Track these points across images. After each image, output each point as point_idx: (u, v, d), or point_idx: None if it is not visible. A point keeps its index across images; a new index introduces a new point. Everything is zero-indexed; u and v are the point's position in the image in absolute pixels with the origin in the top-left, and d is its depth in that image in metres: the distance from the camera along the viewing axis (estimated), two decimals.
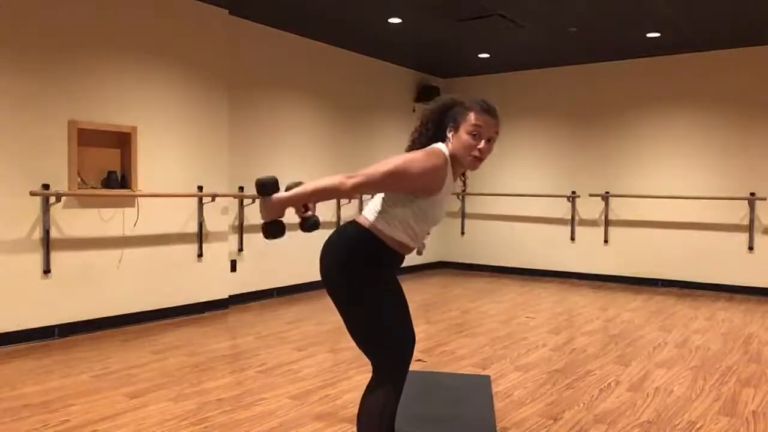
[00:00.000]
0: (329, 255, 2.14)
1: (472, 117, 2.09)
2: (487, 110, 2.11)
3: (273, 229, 2.04)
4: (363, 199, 6.93)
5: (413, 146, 2.19)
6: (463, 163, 2.13)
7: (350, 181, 1.96)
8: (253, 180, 6.57)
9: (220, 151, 5.71)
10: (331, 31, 6.52)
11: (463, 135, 2.09)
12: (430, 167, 2.03)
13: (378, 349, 2.12)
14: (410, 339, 2.16)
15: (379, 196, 2.13)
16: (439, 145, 2.13)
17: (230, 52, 5.84)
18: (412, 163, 2.02)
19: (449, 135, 2.12)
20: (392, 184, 2.02)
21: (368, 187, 2.01)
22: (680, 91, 7.25)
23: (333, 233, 2.18)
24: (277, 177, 2.03)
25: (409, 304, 2.21)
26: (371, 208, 2.14)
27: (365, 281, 2.08)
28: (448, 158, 2.10)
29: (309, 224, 2.09)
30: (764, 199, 6.76)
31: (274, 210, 2.01)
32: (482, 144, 2.10)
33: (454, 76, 8.78)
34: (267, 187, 2.01)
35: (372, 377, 2.14)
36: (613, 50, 7.13)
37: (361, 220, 2.14)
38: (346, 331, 2.16)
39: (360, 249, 2.09)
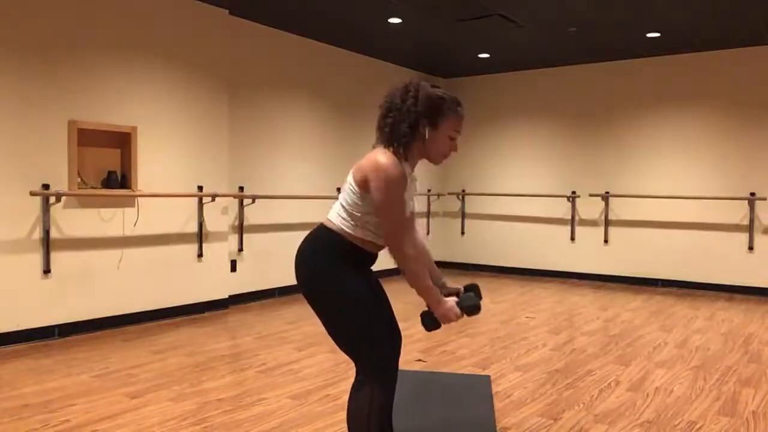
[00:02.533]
0: (304, 261, 2.14)
1: (456, 121, 2.10)
2: (463, 113, 2.14)
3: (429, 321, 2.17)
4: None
5: (390, 139, 2.11)
6: (430, 159, 2.15)
7: (400, 246, 2.02)
8: (253, 180, 6.50)
9: (220, 151, 5.72)
10: (331, 31, 6.52)
11: (443, 136, 2.10)
12: (401, 176, 2.02)
13: (360, 350, 2.11)
14: (392, 339, 2.15)
15: (342, 198, 2.13)
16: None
17: (230, 52, 5.84)
18: (392, 176, 1.99)
19: (424, 131, 2.08)
20: (399, 201, 2.03)
21: (401, 229, 2.03)
22: (680, 91, 7.25)
23: (305, 237, 2.18)
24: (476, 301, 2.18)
25: (409, 304, 2.21)
26: (336, 210, 2.14)
27: (342, 282, 2.07)
28: (398, 154, 2.07)
29: (466, 309, 2.15)
30: (764, 199, 6.76)
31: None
32: (456, 145, 2.14)
33: (454, 76, 8.78)
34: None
35: (356, 378, 2.13)
36: (613, 50, 7.13)
37: (328, 223, 2.14)
38: None
39: (333, 252, 2.09)
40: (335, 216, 2.13)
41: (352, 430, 2.11)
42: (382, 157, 2.02)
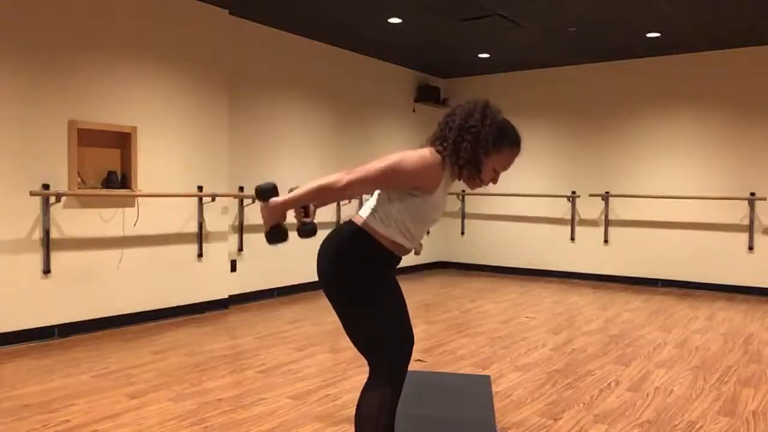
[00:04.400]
0: (326, 255, 2.12)
1: (508, 158, 2.09)
2: (519, 151, 2.11)
3: (273, 234, 2.02)
4: (363, 198, 6.90)
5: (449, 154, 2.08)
6: (468, 183, 2.13)
7: (347, 177, 1.95)
8: (253, 180, 6.50)
9: (220, 151, 5.72)
10: (331, 31, 6.52)
11: (491, 166, 2.08)
12: (426, 165, 2.01)
13: (375, 349, 2.11)
14: (408, 339, 2.15)
15: (376, 196, 2.12)
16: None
17: (230, 52, 5.85)
18: (407, 158, 2.00)
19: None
20: (388, 180, 1.99)
21: (365, 183, 1.97)
22: (680, 91, 7.25)
23: (330, 233, 2.17)
24: (276, 184, 2.02)
25: (409, 304, 2.21)
26: (368, 207, 2.12)
27: (362, 282, 2.07)
28: (445, 163, 2.07)
29: (305, 230, 2.05)
30: (764, 199, 6.76)
31: (272, 213, 1.99)
32: (498, 178, 2.13)
33: (454, 76, 8.78)
34: (266, 193, 2.00)
35: (369, 377, 2.13)
36: (613, 50, 7.13)
37: (357, 219, 2.12)
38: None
39: (356, 250, 2.08)
40: (367, 212, 2.10)
41: (359, 428, 2.11)
42: (428, 153, 2.03)
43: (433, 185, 2.05)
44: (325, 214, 6.88)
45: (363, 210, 2.14)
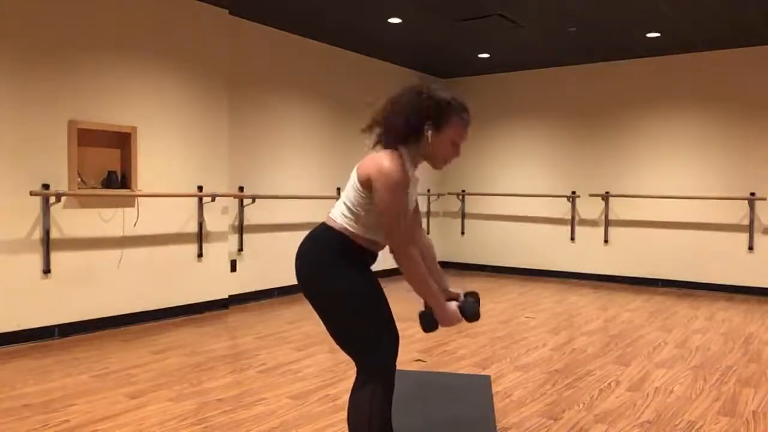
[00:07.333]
0: (302, 259, 2.13)
1: (462, 128, 2.10)
2: (469, 119, 2.13)
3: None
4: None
5: (393, 140, 2.11)
6: (431, 163, 2.14)
7: (402, 248, 2.00)
8: (253, 180, 6.50)
9: (220, 151, 5.72)
10: (330, 31, 6.52)
11: (447, 141, 2.09)
12: (406, 181, 2.02)
13: (361, 349, 2.11)
14: (392, 338, 2.15)
15: (345, 196, 2.12)
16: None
17: (230, 52, 5.85)
18: (393, 174, 1.99)
19: (428, 133, 2.07)
20: (398, 202, 2.01)
21: (404, 232, 2.02)
22: (680, 91, 7.25)
23: (306, 237, 2.17)
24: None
25: (409, 304, 2.20)
26: (340, 208, 2.12)
27: (340, 282, 2.07)
28: (403, 156, 2.07)
29: (468, 317, 2.22)
30: (764, 199, 6.76)
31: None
32: (459, 150, 2.13)
33: (454, 76, 8.78)
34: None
35: (356, 378, 2.13)
36: (613, 50, 7.13)
37: (330, 222, 2.12)
38: None
39: (334, 250, 2.08)
40: (338, 214, 2.11)
41: (353, 429, 2.11)
42: (387, 160, 2.00)
43: (408, 181, 2.06)
44: (321, 216, 6.88)
45: (335, 210, 2.14)
